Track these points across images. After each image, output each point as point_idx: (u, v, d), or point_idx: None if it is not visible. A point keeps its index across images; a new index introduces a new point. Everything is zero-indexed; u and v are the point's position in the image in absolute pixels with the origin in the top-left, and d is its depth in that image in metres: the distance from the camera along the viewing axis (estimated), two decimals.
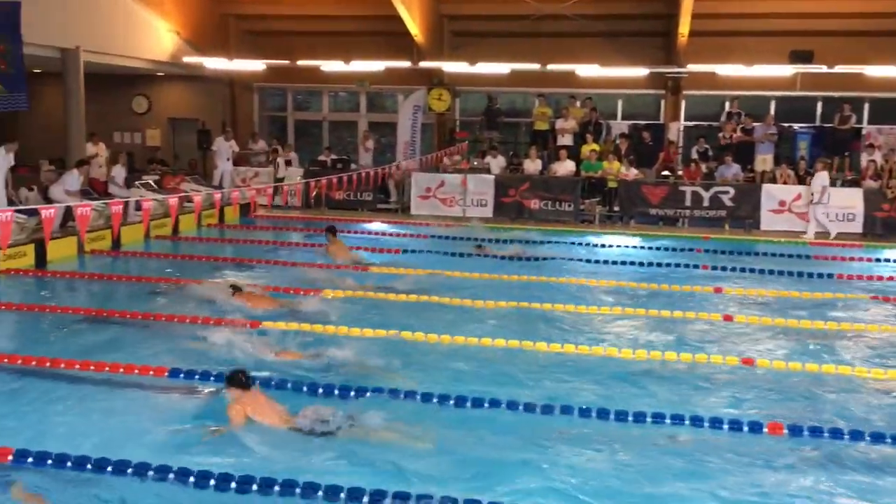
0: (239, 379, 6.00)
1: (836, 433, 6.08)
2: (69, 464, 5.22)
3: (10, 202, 12.25)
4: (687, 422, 6.25)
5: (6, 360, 7.23)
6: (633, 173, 17.12)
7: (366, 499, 4.87)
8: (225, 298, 9.35)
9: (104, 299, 9.73)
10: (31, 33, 13.64)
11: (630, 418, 6.34)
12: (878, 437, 6.05)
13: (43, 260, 11.86)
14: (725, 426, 6.20)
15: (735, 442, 6.02)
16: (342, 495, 4.91)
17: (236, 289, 9.53)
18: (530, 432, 6.10)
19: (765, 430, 6.16)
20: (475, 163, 18.87)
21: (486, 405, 6.54)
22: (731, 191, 16.46)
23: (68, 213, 12.33)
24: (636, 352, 8.01)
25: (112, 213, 9.73)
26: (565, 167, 17.52)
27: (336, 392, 6.72)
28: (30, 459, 5.27)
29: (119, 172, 15.57)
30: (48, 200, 13.07)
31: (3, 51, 13.29)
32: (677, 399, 6.89)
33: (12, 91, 13.64)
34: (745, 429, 6.17)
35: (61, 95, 16.05)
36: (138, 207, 13.07)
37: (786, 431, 6.13)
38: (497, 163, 18.40)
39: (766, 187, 16.51)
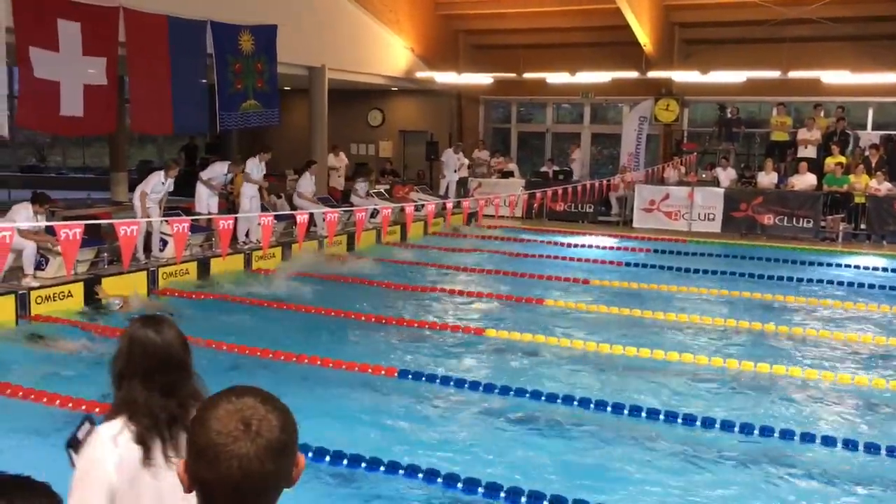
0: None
1: None
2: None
3: (264, 209, 13.45)
4: None
5: (258, 353, 7.92)
6: (885, 188, 15.59)
7: None
8: None
9: (339, 299, 10.39)
10: (284, 53, 14.88)
11: (861, 448, 5.82)
12: None
13: (288, 261, 12.93)
14: None
15: None
16: None
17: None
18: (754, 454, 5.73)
19: None
20: (703, 175, 18.11)
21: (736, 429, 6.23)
22: None
23: (311, 220, 13.35)
24: (890, 382, 7.28)
25: (356, 220, 10.42)
26: (805, 181, 16.32)
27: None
28: None
29: (362, 186, 16.60)
30: (293, 207, 14.20)
31: (260, 70, 14.62)
32: None
33: (267, 107, 14.96)
34: None
35: (306, 110, 17.39)
36: (373, 216, 13.90)
37: None
38: (727, 175, 17.53)
39: None
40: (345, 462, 5.48)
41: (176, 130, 14.21)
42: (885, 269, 13.19)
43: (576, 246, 15.29)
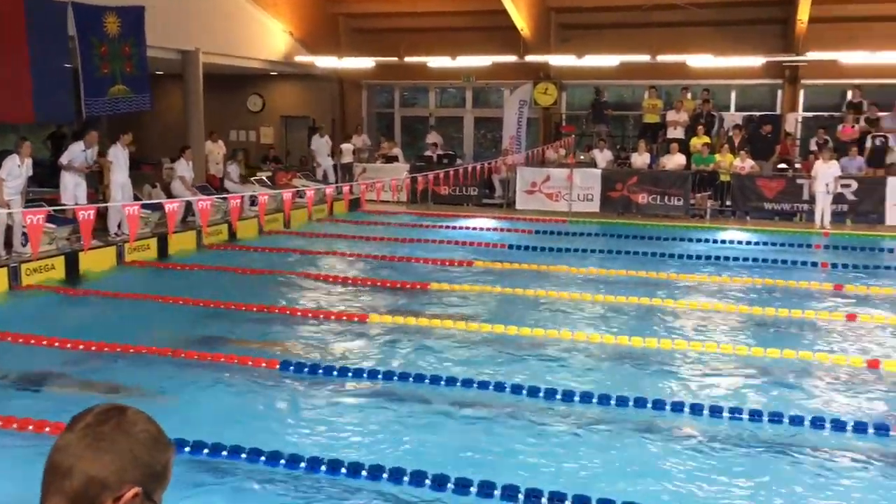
0: None
1: None
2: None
3: (135, 197, 12.91)
4: (807, 423, 5.97)
5: (132, 350, 7.60)
6: (748, 166, 16.49)
7: None
8: None
9: (220, 291, 10.11)
10: (153, 36, 14.26)
11: (745, 417, 6.12)
12: None
13: (164, 252, 12.48)
14: (849, 428, 5.89)
15: (859, 445, 5.71)
16: None
17: None
18: (642, 428, 5.98)
19: (891, 433, 5.82)
20: (581, 157, 18.62)
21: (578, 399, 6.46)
22: (854, 184, 15.62)
23: (188, 209, 12.95)
24: (752, 349, 7.72)
25: (231, 208, 10.12)
26: (675, 161, 17.06)
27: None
28: None
29: (234, 170, 16.19)
30: (170, 196, 13.70)
31: (128, 53, 13.97)
32: (796, 400, 6.59)
33: (137, 92, 14.32)
34: (870, 431, 5.85)
35: (182, 96, 16.79)
36: (253, 203, 13.58)
37: None
38: (604, 157, 18.10)
39: (893, 181, 15.56)
40: (224, 454, 5.36)
41: (38, 118, 13.41)
42: (748, 243, 13.96)
43: (460, 229, 15.46)
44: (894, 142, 16.46)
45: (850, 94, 17.76)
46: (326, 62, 20.39)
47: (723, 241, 14.10)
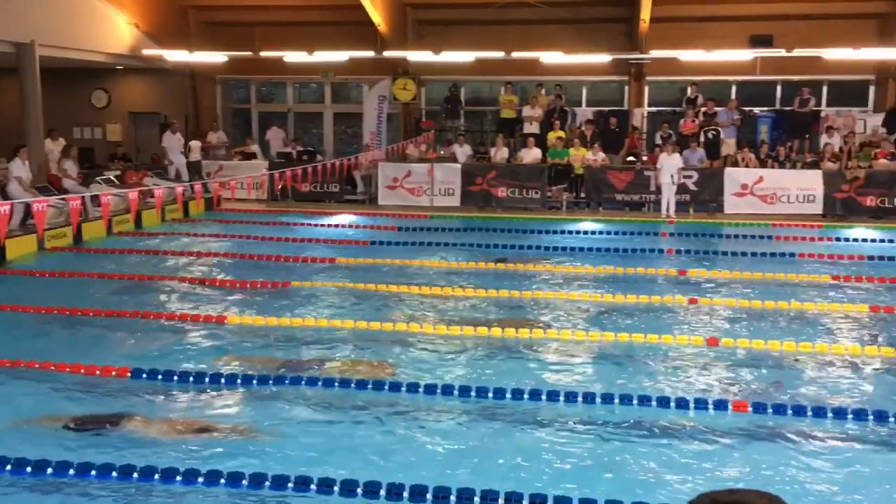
0: None
1: (800, 410, 6.17)
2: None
3: None
4: (653, 403, 6.30)
5: None
6: (599, 158, 17.19)
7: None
8: None
9: (65, 297, 9.54)
10: None
11: (598, 400, 6.38)
12: (840, 413, 6.15)
13: (1, 258, 11.64)
14: (691, 406, 6.26)
15: (701, 421, 6.08)
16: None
17: None
18: (506, 417, 6.12)
19: (729, 408, 6.24)
20: (441, 152, 18.84)
21: (457, 392, 6.55)
22: (695, 175, 16.62)
23: (29, 212, 12.13)
24: (604, 334, 8.06)
25: (70, 209, 9.55)
26: (532, 155, 17.56)
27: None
28: None
29: (70, 167, 15.31)
30: (6, 198, 12.79)
31: None
32: (644, 381, 6.95)
33: None
34: (711, 408, 6.24)
35: (17, 92, 15.71)
36: (98, 203, 12.89)
37: (750, 410, 6.20)
38: (463, 151, 18.38)
39: (729, 171, 16.66)
40: (71, 472, 5.07)
41: None
42: (601, 233, 14.57)
43: (322, 226, 15.29)
44: (726, 135, 17.65)
45: (688, 91, 18.85)
46: (176, 56, 19.63)
47: (578, 232, 14.63)
